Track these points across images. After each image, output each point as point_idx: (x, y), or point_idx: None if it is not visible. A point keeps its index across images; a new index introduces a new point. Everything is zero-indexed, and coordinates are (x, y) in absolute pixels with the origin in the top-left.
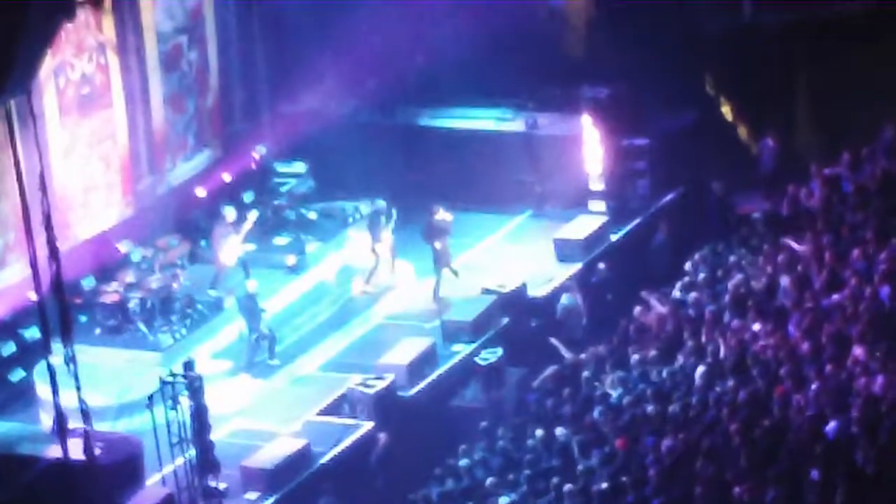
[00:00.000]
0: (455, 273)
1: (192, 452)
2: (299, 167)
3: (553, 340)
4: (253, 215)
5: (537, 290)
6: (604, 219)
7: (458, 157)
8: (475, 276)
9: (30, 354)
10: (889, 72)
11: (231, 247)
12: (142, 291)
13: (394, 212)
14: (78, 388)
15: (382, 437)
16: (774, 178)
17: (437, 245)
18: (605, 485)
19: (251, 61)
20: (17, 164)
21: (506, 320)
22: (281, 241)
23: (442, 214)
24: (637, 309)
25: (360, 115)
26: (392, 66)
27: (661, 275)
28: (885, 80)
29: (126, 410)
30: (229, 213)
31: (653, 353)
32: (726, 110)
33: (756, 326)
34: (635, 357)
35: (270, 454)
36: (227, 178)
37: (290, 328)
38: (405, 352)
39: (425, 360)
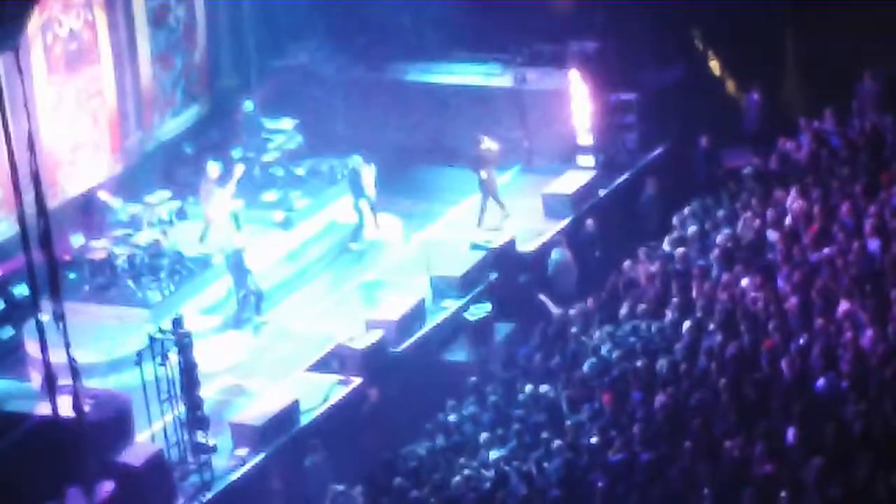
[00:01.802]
0: (502, 206)
1: (182, 409)
2: (287, 123)
3: (541, 296)
4: (239, 170)
5: (526, 246)
6: (592, 174)
7: (447, 113)
8: (464, 232)
9: (19, 312)
10: (876, 24)
11: (219, 202)
12: (130, 248)
13: (373, 167)
14: (67, 346)
15: (371, 393)
16: (761, 133)
17: (483, 174)
18: (594, 439)
19: (239, 17)
20: (4, 121)
21: (494, 275)
22: (269, 197)
23: (487, 143)
24: (626, 264)
25: (348, 71)
26: (380, 21)
27: (650, 230)
28: (873, 33)
29: (115, 367)
30: (213, 168)
31: (642, 307)
32: (714, 65)
33: (745, 281)
34: (624, 312)
35: (259, 410)
36: (214, 134)
37: (278, 284)
38: (394, 308)
39: (414, 316)
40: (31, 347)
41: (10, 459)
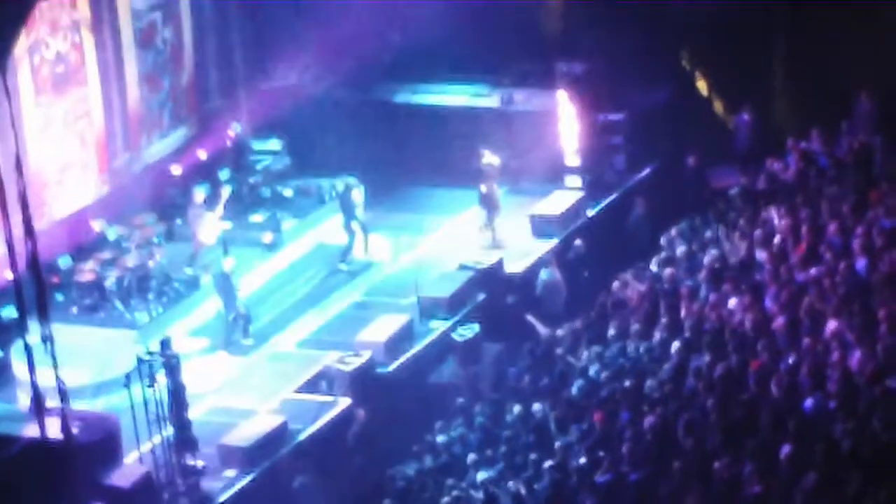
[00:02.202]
0: (489, 224)
1: (170, 430)
2: (275, 144)
3: (529, 317)
4: (226, 192)
5: (514, 266)
6: (580, 194)
7: (434, 134)
8: (452, 252)
9: (6, 334)
10: (865, 44)
11: (207, 225)
12: (118, 270)
13: (362, 188)
14: (55, 367)
15: (360, 413)
16: (751, 153)
17: (483, 188)
18: (582, 460)
19: (226, 38)
20: None
21: (482, 296)
22: (257, 218)
23: (488, 158)
24: (614, 284)
25: (336, 92)
26: (368, 42)
27: (638, 250)
28: (862, 53)
29: (103, 389)
30: (198, 193)
31: (630, 328)
32: (702, 85)
33: (733, 301)
34: (612, 332)
35: (248, 432)
36: (202, 155)
37: (266, 305)
38: (382, 328)
39: (402, 337)
40: (19, 369)
41: None
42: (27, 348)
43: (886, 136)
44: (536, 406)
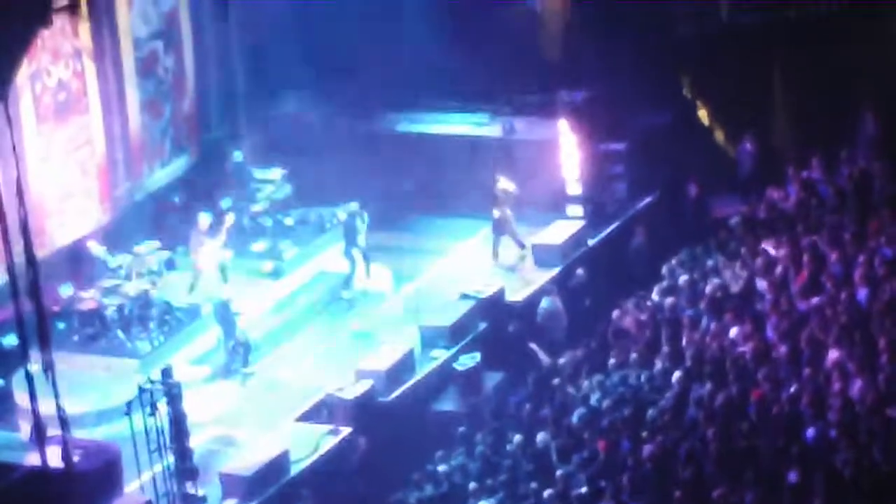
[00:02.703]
0: (521, 245)
1: (171, 459)
2: (276, 173)
3: (532, 346)
4: (229, 220)
5: (515, 295)
6: (581, 223)
7: (436, 163)
8: (453, 282)
9: (8, 362)
10: (866, 71)
11: (209, 253)
12: (119, 298)
13: (365, 216)
14: (56, 396)
15: (361, 442)
16: (754, 182)
17: (497, 213)
18: (583, 489)
19: (228, 66)
20: None
21: (484, 325)
22: (258, 247)
23: (504, 183)
24: (615, 313)
25: (337, 121)
26: (369, 71)
27: (640, 279)
28: (863, 80)
29: (104, 417)
30: (203, 219)
31: (631, 357)
32: (703, 113)
33: (734, 330)
34: (613, 361)
35: (249, 461)
36: (203, 184)
37: (267, 334)
38: (383, 357)
39: (403, 366)
40: (20, 398)
41: None
42: (28, 377)
43: (888, 159)
44: (540, 436)
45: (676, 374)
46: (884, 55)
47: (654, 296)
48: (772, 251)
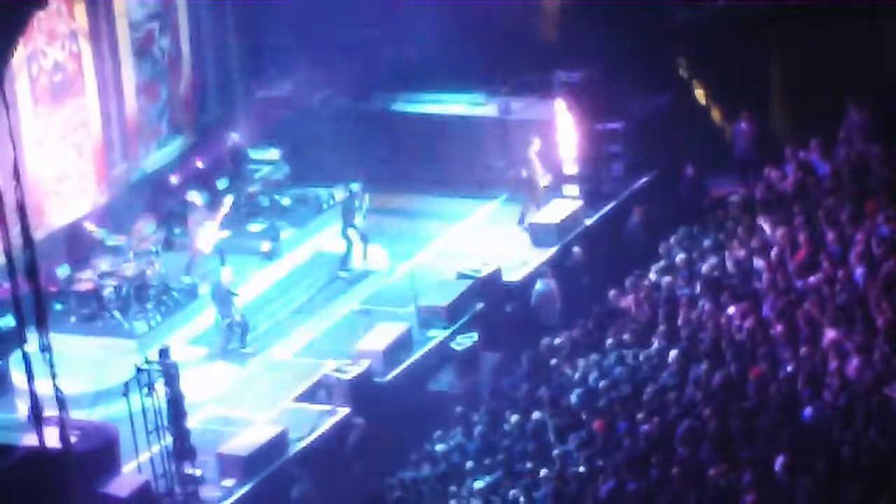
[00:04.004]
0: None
1: (169, 439)
2: (273, 154)
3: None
4: (229, 201)
5: (512, 275)
6: (578, 203)
7: (432, 143)
8: (450, 261)
9: (5, 343)
10: (862, 53)
11: (206, 233)
12: (116, 279)
13: (366, 197)
14: (53, 377)
15: (358, 423)
16: (749, 161)
17: (524, 173)
18: (581, 468)
19: (224, 47)
20: None
21: (481, 305)
22: (255, 227)
23: (536, 145)
24: (612, 292)
25: (334, 101)
26: (366, 51)
27: (637, 258)
28: (858, 62)
29: (102, 398)
30: (196, 197)
31: (628, 336)
32: (699, 93)
33: (731, 309)
34: (610, 341)
35: (246, 441)
36: (200, 164)
37: (264, 314)
38: (381, 337)
39: (401, 346)
40: (18, 378)
41: None
42: (25, 357)
43: (884, 144)
44: (535, 415)
45: (673, 354)
46: (881, 40)
47: (652, 275)
48: (767, 230)
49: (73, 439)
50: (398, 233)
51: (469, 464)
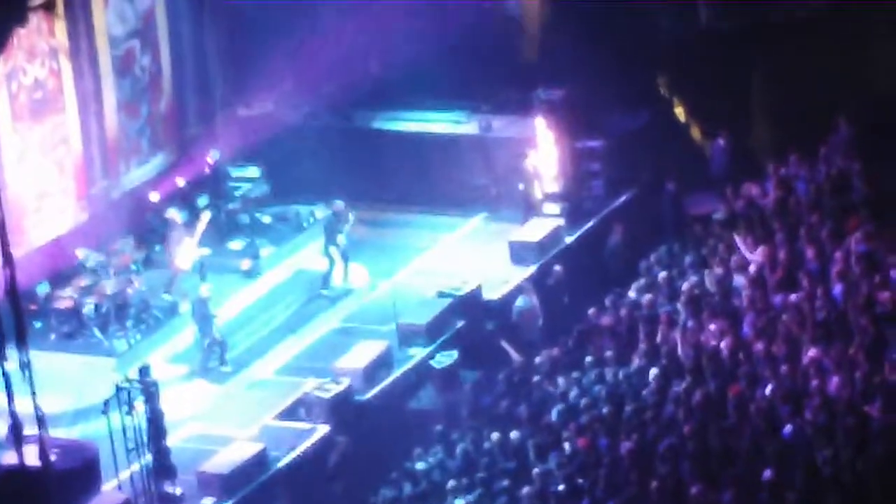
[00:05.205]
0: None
1: (149, 458)
2: (253, 171)
3: (503, 343)
4: (206, 217)
5: (492, 293)
6: (558, 221)
7: (413, 160)
8: (430, 279)
9: None
10: (843, 72)
11: (186, 251)
12: (96, 297)
13: (351, 216)
14: (33, 394)
15: (339, 440)
16: (727, 179)
17: (521, 186)
18: (561, 487)
19: (205, 65)
20: None
21: (461, 323)
22: (235, 245)
23: (532, 159)
24: (592, 310)
25: (315, 119)
26: (347, 69)
27: (617, 276)
28: (840, 81)
29: (82, 416)
30: (176, 215)
31: (608, 354)
32: (679, 111)
33: (711, 327)
34: (590, 359)
35: (226, 459)
36: (180, 182)
37: (245, 332)
38: (361, 355)
39: (381, 364)
40: None
41: None
42: (5, 375)
43: (865, 161)
44: (514, 433)
45: (653, 372)
46: (862, 59)
47: (632, 293)
48: (742, 248)
49: (52, 457)
50: (379, 250)
51: (450, 482)
